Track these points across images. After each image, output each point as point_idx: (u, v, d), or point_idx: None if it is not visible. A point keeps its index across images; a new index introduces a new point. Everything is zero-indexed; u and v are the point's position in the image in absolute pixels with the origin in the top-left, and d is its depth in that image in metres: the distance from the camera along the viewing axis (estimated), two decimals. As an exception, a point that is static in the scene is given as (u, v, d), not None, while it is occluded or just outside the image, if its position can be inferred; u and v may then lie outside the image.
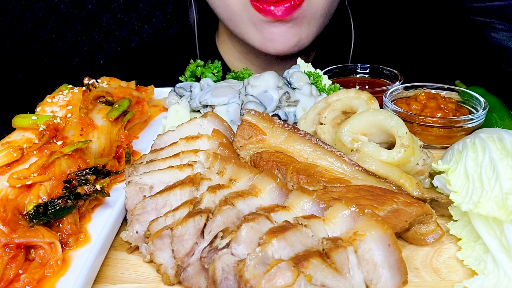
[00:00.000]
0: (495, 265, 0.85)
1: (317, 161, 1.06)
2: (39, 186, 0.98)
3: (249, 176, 0.97)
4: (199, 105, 1.36)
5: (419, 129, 1.31)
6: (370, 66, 1.69)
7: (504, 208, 0.86)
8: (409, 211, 0.91)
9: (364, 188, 0.97)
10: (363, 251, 0.79)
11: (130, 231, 0.95)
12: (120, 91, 1.38)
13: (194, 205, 0.90)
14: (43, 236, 0.88)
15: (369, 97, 1.22)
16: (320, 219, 0.84)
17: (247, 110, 1.19)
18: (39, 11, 2.48)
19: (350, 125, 1.10)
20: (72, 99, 1.30)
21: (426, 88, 1.46)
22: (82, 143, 1.09)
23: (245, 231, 0.80)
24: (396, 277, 0.80)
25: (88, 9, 2.49)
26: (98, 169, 1.05)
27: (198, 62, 1.58)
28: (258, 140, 1.13)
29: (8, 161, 1.04)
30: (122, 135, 1.26)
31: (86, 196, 0.98)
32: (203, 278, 0.86)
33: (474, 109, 1.38)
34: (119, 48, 2.56)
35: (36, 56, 2.57)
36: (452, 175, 1.00)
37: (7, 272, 0.84)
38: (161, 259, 0.89)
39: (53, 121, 1.13)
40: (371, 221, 0.81)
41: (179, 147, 1.11)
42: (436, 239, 0.95)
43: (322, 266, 0.74)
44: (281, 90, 1.33)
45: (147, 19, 2.51)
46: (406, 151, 1.03)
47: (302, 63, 1.52)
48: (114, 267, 0.94)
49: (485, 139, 1.03)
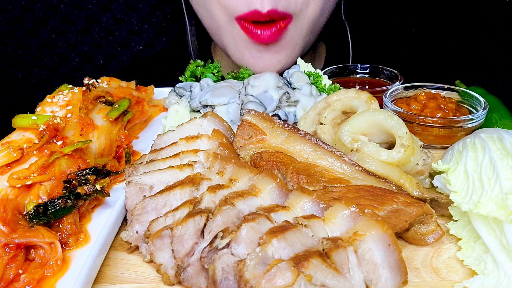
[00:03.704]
0: (495, 265, 0.85)
1: (317, 161, 1.06)
2: (39, 186, 0.98)
3: (249, 176, 0.97)
4: (199, 105, 1.36)
5: (419, 129, 1.31)
6: (370, 66, 1.69)
7: (504, 208, 0.86)
8: (409, 211, 0.91)
9: (364, 188, 0.97)
10: (363, 251, 0.79)
11: (130, 231, 0.95)
12: (120, 91, 1.38)
13: (194, 205, 0.90)
14: (43, 236, 0.88)
15: (369, 97, 1.22)
16: (320, 219, 0.84)
17: (247, 110, 1.19)
18: (39, 11, 2.47)
19: (350, 125, 1.10)
20: (72, 99, 1.30)
21: (426, 88, 1.46)
22: (82, 143, 1.09)
23: (245, 231, 0.80)
24: (396, 277, 0.80)
25: (88, 9, 2.48)
26: (98, 169, 1.05)
27: (198, 62, 1.57)
28: (258, 140, 1.13)
29: (8, 161, 1.04)
30: (122, 135, 1.26)
31: (86, 196, 0.98)
32: (203, 278, 0.86)
33: (474, 109, 1.38)
34: (119, 48, 2.56)
35: (36, 56, 2.57)
36: (452, 175, 1.00)
37: (7, 272, 0.84)
38: (161, 259, 0.89)
39: (53, 121, 1.13)
40: (371, 221, 0.81)
41: (179, 147, 1.11)
42: (436, 239, 0.95)
43: (322, 266, 0.74)
44: (281, 90, 1.33)
45: (147, 19, 2.51)
46: (406, 151, 1.03)
47: (302, 63, 1.52)
48: (114, 267, 0.94)
49: (485, 139, 1.03)
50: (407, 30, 2.46)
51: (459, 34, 2.39)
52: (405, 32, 2.47)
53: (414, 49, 2.47)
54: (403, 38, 2.47)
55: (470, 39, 2.36)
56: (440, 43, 2.44)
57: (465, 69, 2.39)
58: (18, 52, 2.56)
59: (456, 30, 2.39)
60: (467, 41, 2.37)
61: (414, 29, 2.45)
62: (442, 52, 2.44)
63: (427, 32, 2.45)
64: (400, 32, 2.48)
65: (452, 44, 2.42)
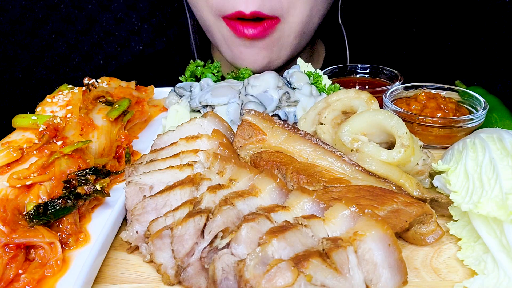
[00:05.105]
0: (495, 265, 0.85)
1: (317, 161, 1.06)
2: (39, 186, 0.98)
3: (249, 176, 0.97)
4: (199, 105, 1.36)
5: (419, 129, 1.31)
6: (370, 66, 1.69)
7: (504, 208, 0.86)
8: (409, 211, 0.91)
9: (364, 188, 0.97)
10: (363, 251, 0.79)
11: (130, 231, 0.95)
12: (120, 91, 1.38)
13: (194, 205, 0.90)
14: (43, 236, 0.88)
15: (369, 97, 1.22)
16: (320, 219, 0.84)
17: (247, 110, 1.19)
18: (39, 11, 2.48)
19: (350, 125, 1.10)
20: (72, 99, 1.30)
21: (426, 88, 1.46)
22: (82, 143, 1.09)
23: (245, 231, 0.80)
24: (396, 277, 0.80)
25: (88, 9, 2.49)
26: (98, 169, 1.05)
27: (198, 62, 1.58)
28: (258, 140, 1.13)
29: (8, 161, 1.04)
30: (122, 135, 1.26)
31: (86, 196, 0.98)
32: (203, 278, 0.86)
33: (474, 109, 1.38)
34: (119, 48, 2.56)
35: (36, 56, 2.57)
36: (452, 175, 1.00)
37: (7, 272, 0.84)
38: (161, 259, 0.89)
39: (53, 121, 1.13)
40: (371, 221, 0.81)
41: (179, 147, 1.11)
42: (436, 239, 0.95)
43: (322, 266, 0.74)
44: (281, 90, 1.33)
45: (147, 19, 2.51)
46: (406, 151, 1.03)
47: (302, 63, 1.52)
48: (114, 267, 0.94)
49: (485, 139, 1.03)
50: (407, 30, 2.46)
51: (459, 34, 2.39)
52: (405, 32, 2.47)
53: (414, 49, 2.47)
54: (403, 38, 2.48)
55: (470, 39, 2.36)
56: (440, 43, 2.44)
57: (465, 69, 2.39)
58: (18, 52, 2.56)
59: (456, 30, 2.39)
60: (467, 41, 2.37)
61: (414, 29, 2.45)
62: (442, 52, 2.44)
63: (427, 32, 2.45)
64: (400, 32, 2.48)
65: (452, 44, 2.42)
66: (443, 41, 2.43)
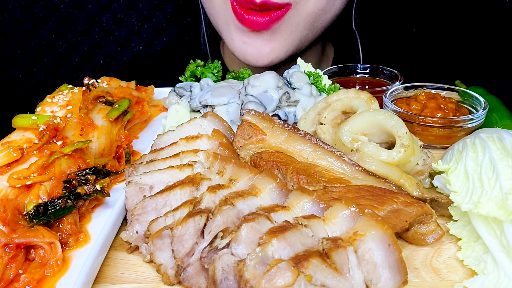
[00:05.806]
0: (495, 265, 0.85)
1: (317, 161, 1.06)
2: (39, 186, 0.98)
3: (249, 176, 0.97)
4: (199, 105, 1.36)
5: (419, 129, 1.31)
6: (370, 66, 1.69)
7: (504, 208, 0.86)
8: (409, 211, 0.91)
9: (364, 188, 0.97)
10: (363, 251, 0.79)
11: (130, 231, 0.95)
12: (120, 91, 1.38)
13: (194, 205, 0.90)
14: (43, 236, 0.88)
15: (369, 97, 1.22)
16: (320, 219, 0.84)
17: (247, 110, 1.19)
18: (39, 11, 2.47)
19: (350, 125, 1.10)
20: (72, 99, 1.30)
21: (426, 88, 1.46)
22: (82, 143, 1.09)
23: (245, 231, 0.80)
24: (396, 277, 0.80)
25: (88, 9, 2.49)
26: (98, 169, 1.05)
27: (198, 62, 1.58)
28: (258, 140, 1.13)
29: (8, 161, 1.04)
30: (122, 135, 1.26)
31: (86, 196, 0.98)
32: (203, 278, 0.86)
33: (474, 109, 1.38)
34: (119, 48, 2.56)
35: (36, 56, 2.57)
36: (452, 175, 1.00)
37: (7, 272, 0.84)
38: (161, 259, 0.89)
39: (53, 121, 1.13)
40: (371, 221, 0.81)
41: (179, 147, 1.11)
42: (436, 239, 0.95)
43: (322, 266, 0.74)
44: (281, 90, 1.33)
45: (147, 19, 2.51)
46: (406, 151, 1.03)
47: (302, 63, 1.52)
48: (114, 267, 0.94)
49: (485, 139, 1.03)
50: (407, 30, 2.46)
51: (459, 34, 2.39)
52: (405, 32, 2.47)
53: (414, 49, 2.47)
54: (403, 38, 2.47)
55: (470, 39, 2.36)
56: (440, 43, 2.44)
57: (465, 69, 2.39)
58: (18, 52, 2.56)
59: (456, 30, 2.39)
60: (467, 41, 2.37)
61: (414, 29, 2.45)
62: (442, 52, 2.44)
63: (427, 32, 2.45)
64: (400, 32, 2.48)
65: (452, 44, 2.42)
66: (443, 41, 2.43)
